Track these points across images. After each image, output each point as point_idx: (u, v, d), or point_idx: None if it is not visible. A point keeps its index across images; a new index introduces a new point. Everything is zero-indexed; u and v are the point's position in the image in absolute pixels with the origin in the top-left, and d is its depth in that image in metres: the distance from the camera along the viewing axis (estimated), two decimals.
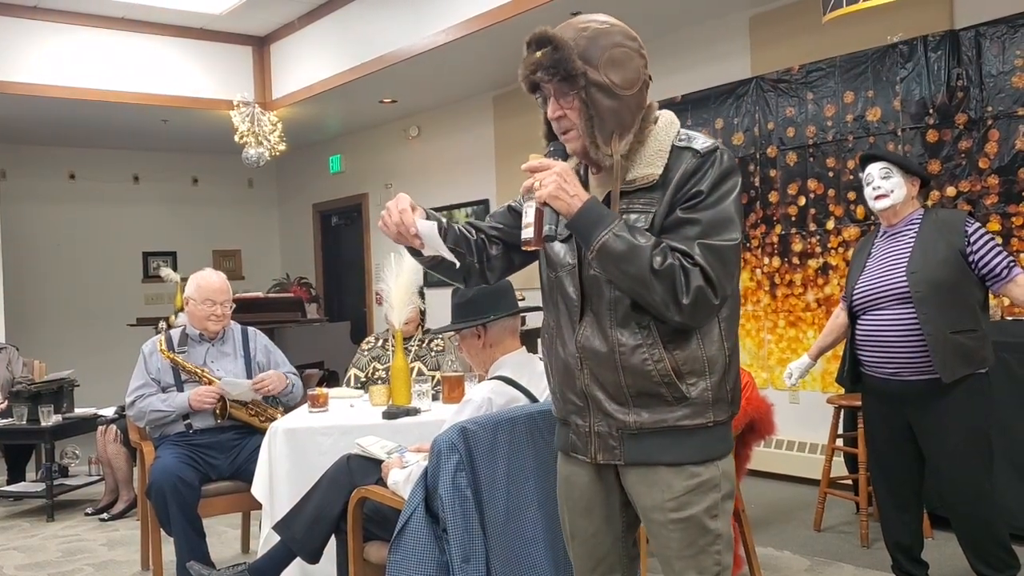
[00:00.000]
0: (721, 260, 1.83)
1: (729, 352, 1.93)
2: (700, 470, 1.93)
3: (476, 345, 3.05)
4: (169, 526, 3.84)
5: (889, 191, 3.37)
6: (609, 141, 1.90)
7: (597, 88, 1.87)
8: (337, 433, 3.62)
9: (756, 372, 5.85)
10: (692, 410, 1.90)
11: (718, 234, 1.84)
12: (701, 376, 1.90)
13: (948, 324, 3.16)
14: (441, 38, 6.46)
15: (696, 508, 1.92)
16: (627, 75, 1.90)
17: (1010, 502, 4.04)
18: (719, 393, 1.92)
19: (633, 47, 1.92)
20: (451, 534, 2.55)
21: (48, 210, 9.83)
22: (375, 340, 4.88)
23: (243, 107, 8.12)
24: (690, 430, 1.91)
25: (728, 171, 1.88)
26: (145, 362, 4.22)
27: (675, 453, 1.92)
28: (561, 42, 1.86)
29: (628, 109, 1.91)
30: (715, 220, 1.84)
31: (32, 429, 5.68)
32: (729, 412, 1.95)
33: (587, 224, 1.84)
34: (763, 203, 5.88)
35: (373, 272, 9.68)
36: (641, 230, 1.85)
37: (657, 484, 1.94)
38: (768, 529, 4.74)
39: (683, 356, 1.89)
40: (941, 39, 4.95)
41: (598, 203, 1.87)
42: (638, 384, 1.90)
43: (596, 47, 1.88)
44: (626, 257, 1.80)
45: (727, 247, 1.84)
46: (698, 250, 1.82)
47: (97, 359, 8.99)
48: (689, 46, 6.37)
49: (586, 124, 1.89)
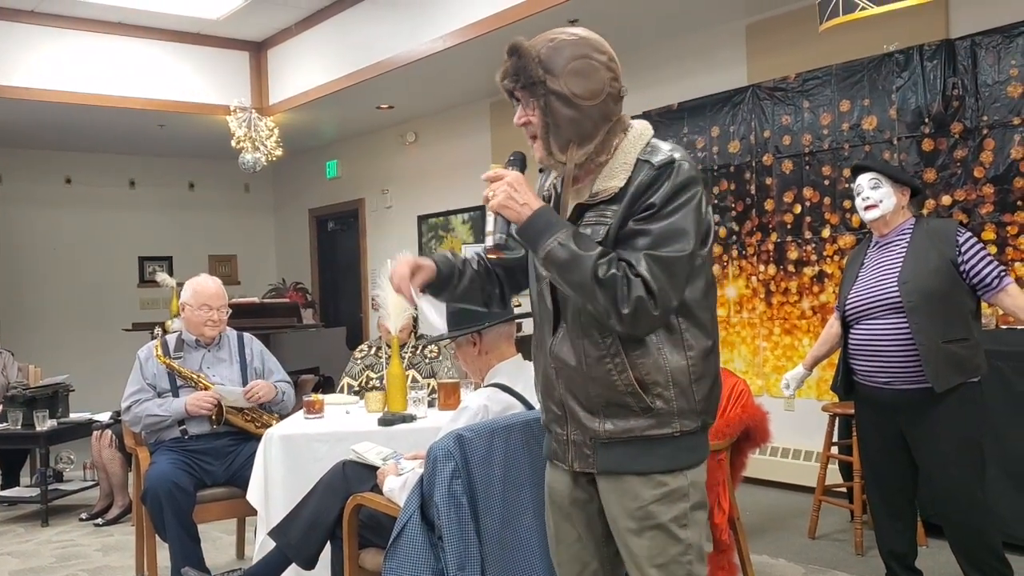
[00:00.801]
0: (668, 271, 1.85)
1: (693, 363, 1.93)
2: (667, 479, 1.95)
3: (471, 352, 3.05)
4: (164, 532, 3.83)
5: (878, 201, 3.38)
6: (565, 149, 1.95)
7: (556, 97, 1.92)
8: (333, 440, 3.62)
9: (751, 379, 5.86)
10: (658, 420, 1.92)
11: (667, 245, 1.85)
12: (665, 387, 1.91)
13: (940, 333, 3.16)
14: (438, 44, 6.47)
15: (664, 517, 1.95)
16: (589, 86, 1.93)
17: (1003, 510, 4.05)
18: (685, 403, 1.93)
19: (600, 60, 1.95)
20: (446, 541, 2.55)
21: (44, 214, 9.82)
22: (368, 348, 4.88)
23: (240, 112, 8.11)
24: (657, 440, 1.93)
25: (684, 183, 1.89)
26: (141, 367, 4.22)
27: (643, 462, 1.95)
28: (524, 51, 1.93)
29: (589, 119, 1.94)
30: (665, 232, 1.86)
31: (27, 434, 5.66)
32: (699, 422, 1.96)
33: (535, 232, 1.90)
34: (759, 211, 5.89)
35: (369, 278, 9.67)
36: (591, 240, 1.89)
37: (626, 493, 1.97)
38: (763, 537, 4.74)
39: (647, 366, 1.91)
40: (937, 48, 4.97)
41: (549, 212, 1.92)
42: (605, 394, 1.94)
43: (560, 57, 1.92)
44: (569, 265, 1.85)
45: (675, 258, 1.85)
46: (644, 261, 1.84)
47: (92, 364, 8.98)
48: (686, 54, 6.38)
49: (543, 130, 1.95)
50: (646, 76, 6.44)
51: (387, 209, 9.50)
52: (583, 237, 1.90)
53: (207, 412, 4.08)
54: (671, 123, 6.35)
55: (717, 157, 6.12)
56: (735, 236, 6.05)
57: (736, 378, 4.01)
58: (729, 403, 3.88)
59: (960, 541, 3.27)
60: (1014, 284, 3.27)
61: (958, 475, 3.20)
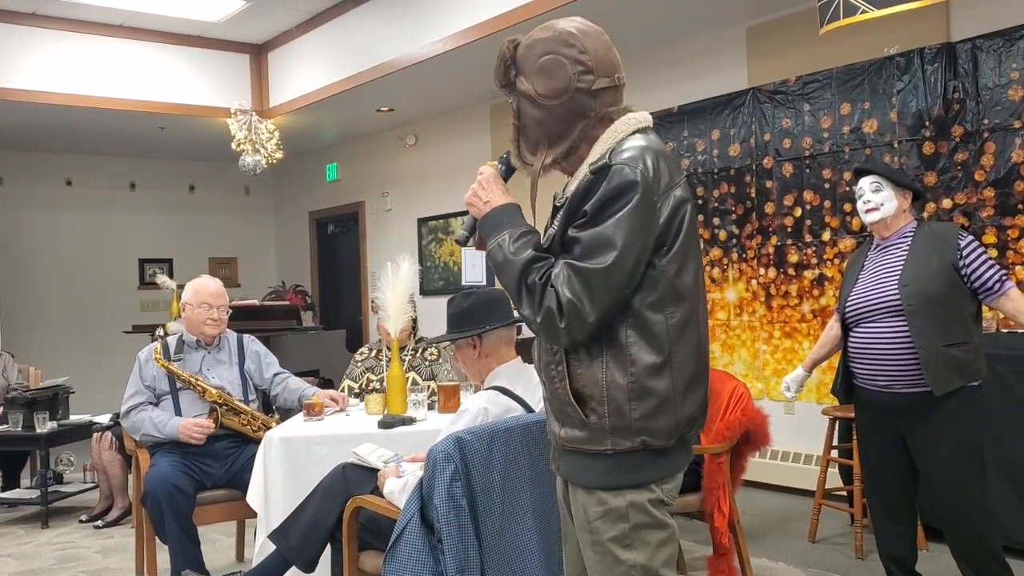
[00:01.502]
0: (585, 284, 1.76)
1: (635, 378, 1.82)
2: (608, 497, 1.88)
3: (471, 355, 3.05)
4: (164, 534, 3.83)
5: (879, 204, 3.38)
6: (535, 151, 1.93)
7: (524, 97, 1.92)
8: (333, 442, 3.62)
9: (751, 383, 5.86)
10: (591, 435, 1.85)
11: (589, 256, 1.77)
12: (600, 402, 1.83)
13: (940, 337, 3.16)
14: (439, 47, 6.48)
15: (605, 535, 1.88)
16: (553, 84, 1.88)
17: (1003, 514, 4.05)
18: (619, 421, 1.82)
19: (568, 55, 1.88)
20: (446, 544, 2.55)
21: (45, 217, 9.82)
22: (368, 351, 4.88)
23: (240, 115, 8.12)
24: (593, 455, 1.87)
25: (617, 190, 1.78)
26: (140, 369, 4.22)
27: (583, 475, 1.91)
28: (502, 53, 1.94)
29: (557, 119, 1.89)
30: (591, 241, 1.77)
31: (27, 436, 5.66)
32: (635, 442, 1.83)
33: (487, 230, 1.93)
34: (759, 214, 5.89)
35: (369, 280, 9.68)
36: (530, 244, 1.86)
37: (579, 504, 1.94)
38: (763, 540, 4.74)
39: (584, 379, 1.85)
40: (938, 52, 4.97)
41: (504, 211, 1.92)
42: (556, 402, 1.92)
43: (530, 55, 1.91)
44: (501, 268, 1.86)
45: (592, 270, 1.76)
46: (562, 272, 1.78)
47: (93, 366, 8.99)
48: (686, 57, 6.39)
49: (514, 132, 1.96)
50: (647, 79, 6.44)
51: (387, 212, 9.50)
52: (525, 241, 1.86)
53: (196, 442, 4.05)
54: (671, 126, 6.35)
55: (717, 160, 6.12)
56: (735, 239, 6.05)
57: (736, 381, 4.02)
58: (729, 406, 3.88)
59: (960, 545, 3.26)
60: (1015, 288, 3.26)
61: (958, 479, 3.20)
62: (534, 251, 1.84)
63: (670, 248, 1.83)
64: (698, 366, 1.90)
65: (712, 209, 6.17)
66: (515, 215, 1.93)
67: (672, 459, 1.91)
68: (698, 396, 1.91)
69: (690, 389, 1.87)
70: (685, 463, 1.97)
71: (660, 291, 1.83)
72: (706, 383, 1.94)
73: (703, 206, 6.22)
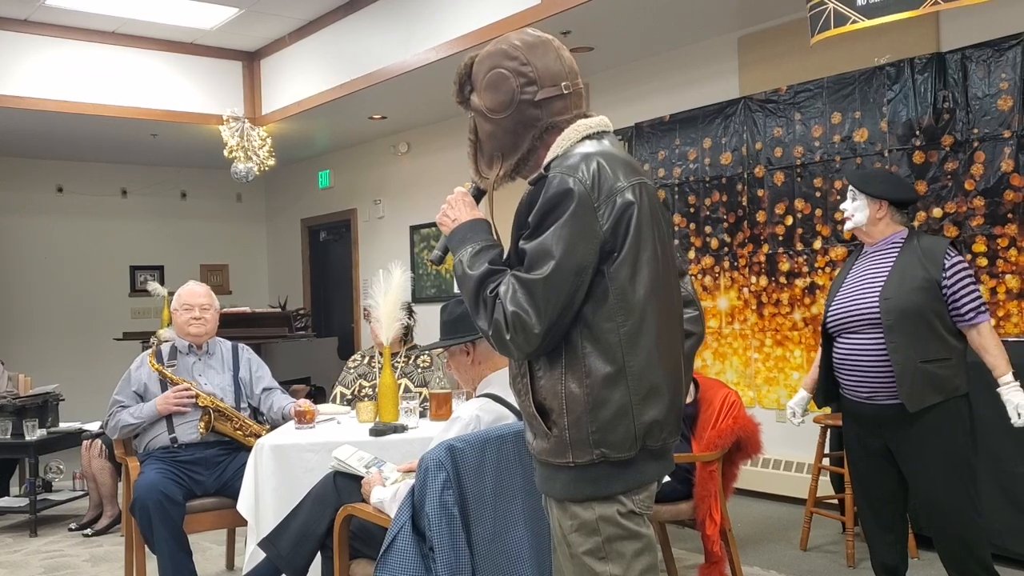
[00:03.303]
0: (528, 294, 1.76)
1: (591, 389, 1.79)
2: (578, 510, 1.86)
3: (465, 362, 3.05)
4: (152, 542, 3.81)
5: (851, 214, 3.38)
6: (491, 164, 1.95)
7: (477, 113, 1.95)
8: (324, 450, 3.60)
9: (743, 391, 5.86)
10: (552, 447, 1.84)
11: (533, 267, 1.77)
12: (560, 414, 1.82)
13: (919, 353, 3.13)
14: (431, 56, 6.49)
15: (579, 548, 1.87)
16: (498, 98, 1.90)
17: (995, 523, 4.05)
18: (578, 434, 1.80)
19: (509, 67, 1.90)
20: (437, 552, 2.55)
21: (36, 223, 9.79)
22: (361, 358, 4.87)
23: (233, 122, 8.12)
24: (556, 467, 1.86)
25: (553, 201, 1.78)
26: (130, 376, 4.22)
27: (551, 487, 1.90)
28: (458, 70, 1.97)
29: (505, 132, 1.92)
30: (534, 252, 1.78)
31: (16, 443, 5.64)
32: (594, 455, 1.81)
33: (452, 247, 1.94)
34: (750, 222, 5.91)
35: (361, 288, 9.67)
36: (488, 258, 1.86)
37: (553, 517, 1.93)
38: (755, 548, 4.74)
39: (545, 391, 1.84)
40: (928, 61, 5.00)
41: (470, 227, 1.92)
42: (524, 412, 1.92)
43: (480, 71, 1.93)
44: (460, 282, 1.87)
45: (533, 280, 1.76)
46: (509, 284, 1.79)
47: (83, 373, 8.95)
48: (678, 66, 6.41)
49: (471, 148, 1.98)
50: (638, 88, 6.46)
51: (379, 219, 9.50)
52: (482, 256, 1.87)
53: (181, 410, 4.05)
54: (663, 135, 6.36)
55: (709, 169, 6.14)
56: (727, 247, 6.07)
57: (728, 389, 4.02)
58: (721, 414, 3.88)
59: (949, 554, 3.26)
60: (987, 324, 3.21)
61: (945, 489, 3.19)
62: (489, 265, 1.85)
63: (619, 254, 1.81)
64: (657, 375, 1.84)
65: (704, 217, 6.19)
66: (479, 230, 1.93)
67: (638, 470, 1.86)
68: (659, 405, 1.84)
69: (649, 398, 1.82)
70: (658, 473, 1.92)
71: (610, 299, 1.80)
72: (673, 391, 1.88)
73: (695, 214, 6.23)
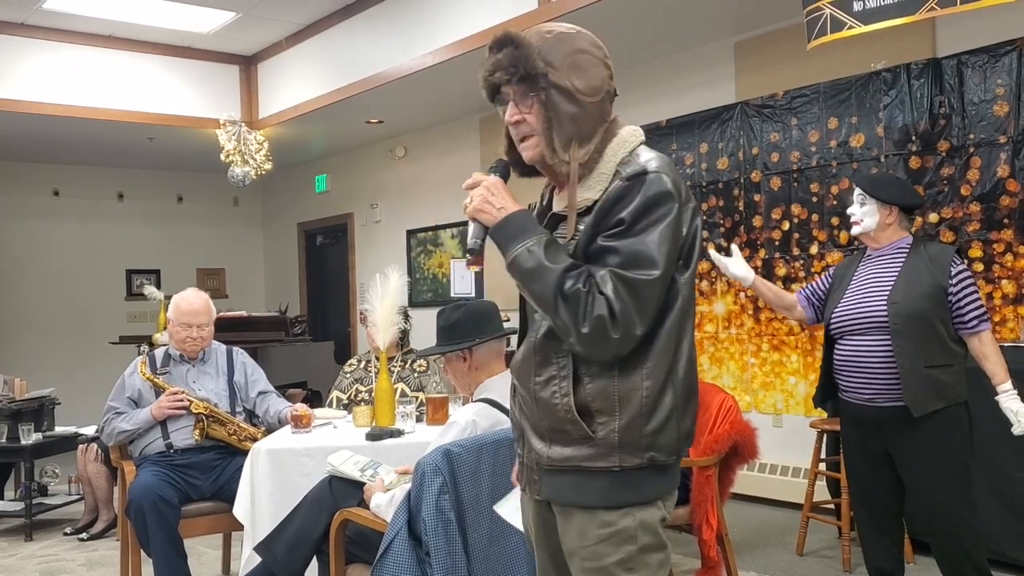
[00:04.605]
0: (634, 295, 1.71)
1: (648, 393, 1.76)
2: (614, 518, 1.79)
3: (461, 368, 3.05)
4: (148, 546, 3.81)
5: (860, 219, 3.38)
6: (567, 147, 1.81)
7: (558, 91, 1.80)
8: (320, 454, 3.60)
9: (740, 396, 5.86)
10: (596, 451, 1.77)
11: (636, 267, 1.71)
12: (611, 415, 1.76)
13: (924, 358, 3.15)
14: (428, 60, 6.49)
15: (607, 560, 1.80)
16: (590, 82, 1.82)
17: (991, 528, 4.05)
18: (629, 436, 1.76)
19: (598, 55, 1.85)
20: (434, 557, 2.54)
21: (32, 226, 9.78)
22: (357, 362, 4.87)
23: (229, 126, 8.12)
24: (594, 472, 1.78)
25: (655, 199, 1.75)
26: (123, 383, 4.22)
27: (581, 495, 1.81)
28: (522, 41, 1.80)
29: (589, 118, 1.83)
30: (633, 251, 1.72)
31: (12, 447, 5.63)
32: (643, 459, 1.77)
33: (505, 236, 1.80)
34: (747, 228, 5.92)
35: (357, 292, 9.66)
36: (563, 251, 1.77)
37: (573, 528, 1.84)
38: (751, 553, 4.74)
39: (593, 391, 1.77)
40: (924, 67, 5.01)
41: (526, 217, 1.81)
42: (548, 418, 1.81)
43: (559, 50, 1.81)
44: (533, 275, 1.74)
45: (642, 281, 1.71)
46: (610, 280, 1.71)
47: (79, 377, 8.92)
48: (675, 71, 6.41)
49: (545, 128, 1.81)
50: (635, 93, 6.46)
51: (376, 223, 9.50)
52: (555, 247, 1.77)
53: (175, 414, 4.05)
54: (660, 140, 6.37)
55: (706, 174, 6.14)
56: (724, 252, 6.05)
57: (724, 394, 4.02)
58: (717, 419, 3.88)
59: (946, 558, 3.27)
60: (988, 333, 3.25)
61: (943, 493, 3.20)
62: (571, 258, 1.76)
63: (687, 261, 1.81)
64: (694, 380, 1.86)
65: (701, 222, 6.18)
66: (535, 221, 1.84)
67: (671, 475, 1.86)
68: (694, 410, 1.86)
69: (687, 403, 1.83)
70: (679, 478, 1.93)
71: (680, 305, 1.80)
72: (697, 397, 1.90)
73: None
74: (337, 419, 4.29)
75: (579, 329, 1.71)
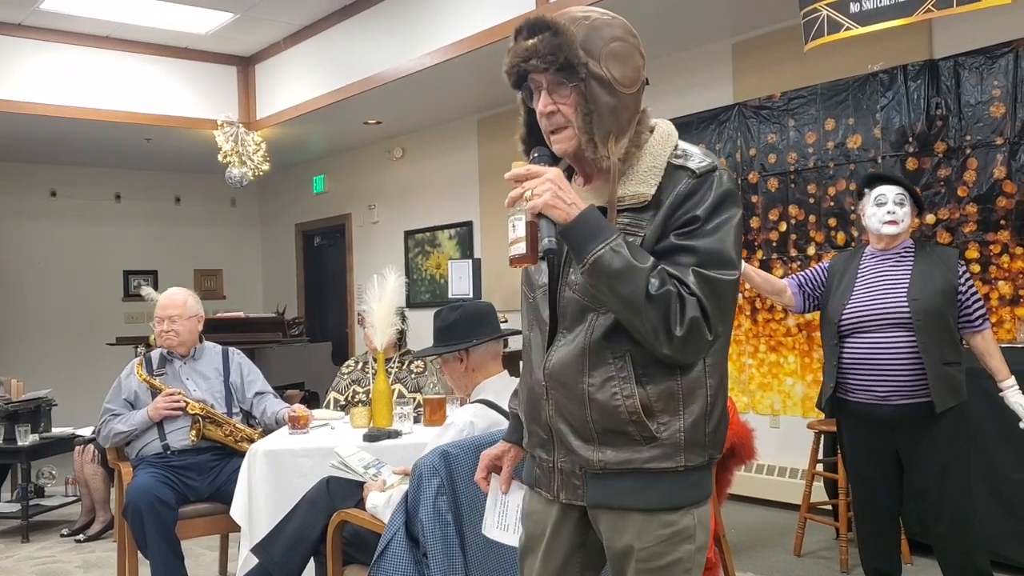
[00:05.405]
0: (717, 295, 1.66)
1: (711, 391, 1.74)
2: (675, 518, 1.75)
3: (459, 369, 3.04)
4: (145, 547, 3.80)
5: (901, 219, 3.37)
6: (606, 141, 1.72)
7: (598, 82, 1.70)
8: (318, 455, 3.59)
9: (737, 396, 5.87)
10: (661, 452, 1.72)
11: (716, 267, 1.67)
12: (675, 415, 1.72)
13: (941, 355, 3.20)
14: (427, 61, 6.49)
15: (668, 559, 1.76)
16: (627, 72, 1.75)
17: (990, 528, 4.05)
18: (694, 435, 1.73)
19: (634, 43, 1.79)
20: (431, 559, 2.54)
21: (29, 227, 9.77)
22: (355, 363, 4.86)
23: (227, 127, 8.11)
24: (657, 473, 1.73)
25: (726, 195, 1.70)
26: (120, 385, 4.21)
27: (641, 498, 1.74)
28: (562, 27, 1.69)
29: (626, 109, 1.76)
30: (712, 251, 1.67)
31: (8, 449, 5.62)
32: (705, 456, 1.75)
33: (583, 235, 1.65)
34: (744, 229, 5.92)
35: (355, 293, 9.66)
36: (643, 250, 1.67)
37: (631, 529, 1.76)
38: (749, 554, 4.74)
39: (656, 392, 1.71)
40: (921, 69, 5.01)
41: (597, 213, 1.68)
42: (604, 420, 1.73)
43: (598, 37, 1.72)
44: (621, 276, 1.62)
45: (724, 282, 1.67)
46: (694, 279, 1.65)
47: (76, 378, 8.91)
48: (672, 72, 6.41)
49: (584, 121, 1.71)
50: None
51: (374, 224, 9.50)
52: (635, 246, 1.67)
53: (172, 414, 4.05)
54: None
55: None
56: None
57: None
58: None
59: (950, 558, 3.26)
60: (990, 331, 3.36)
61: (952, 491, 3.21)
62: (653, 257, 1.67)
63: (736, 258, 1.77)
64: (727, 381, 1.86)
65: None
66: (603, 216, 1.70)
67: (712, 472, 1.86)
68: None
69: (724, 403, 1.82)
70: None
71: (735, 306, 1.81)
72: None
73: None
74: (334, 420, 4.29)
75: (671, 331, 1.64)
